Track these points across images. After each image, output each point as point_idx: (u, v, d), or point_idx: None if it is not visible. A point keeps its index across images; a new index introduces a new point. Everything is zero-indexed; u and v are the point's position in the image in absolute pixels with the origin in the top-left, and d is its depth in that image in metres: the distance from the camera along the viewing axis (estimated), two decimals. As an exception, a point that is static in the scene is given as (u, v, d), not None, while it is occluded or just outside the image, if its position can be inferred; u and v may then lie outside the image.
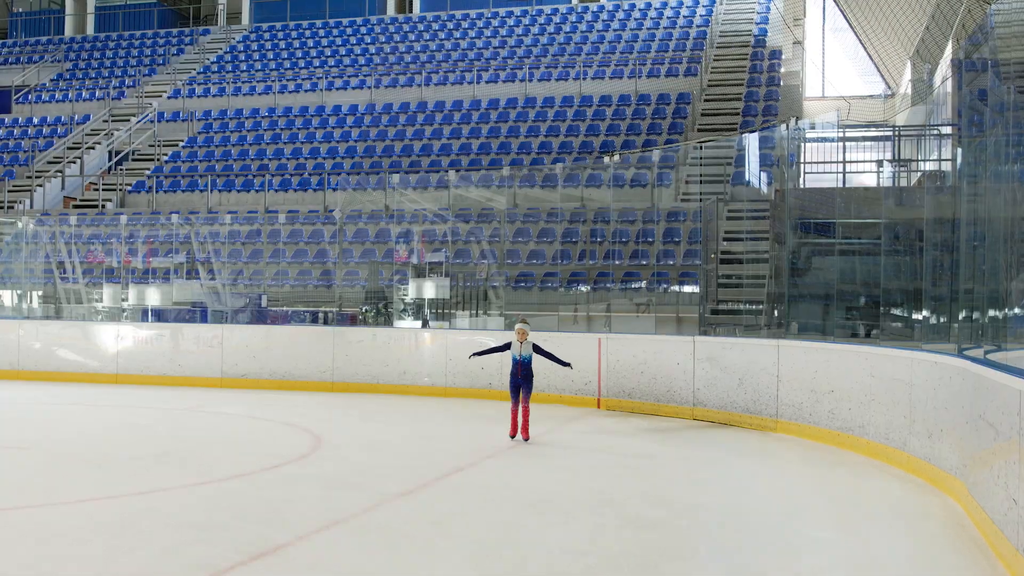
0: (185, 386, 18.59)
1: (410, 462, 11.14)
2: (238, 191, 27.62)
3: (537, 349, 12.61)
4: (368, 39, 38.07)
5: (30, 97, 37.48)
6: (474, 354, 13.37)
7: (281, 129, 31.37)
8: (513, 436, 12.47)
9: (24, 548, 7.29)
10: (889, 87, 35.49)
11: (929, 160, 17.84)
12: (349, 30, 39.30)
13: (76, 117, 34.71)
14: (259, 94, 34.09)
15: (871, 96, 35.70)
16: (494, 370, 17.00)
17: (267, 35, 40.51)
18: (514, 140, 27.70)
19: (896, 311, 13.96)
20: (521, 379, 12.49)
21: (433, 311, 19.34)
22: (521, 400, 12.46)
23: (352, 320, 19.91)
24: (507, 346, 12.70)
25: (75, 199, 30.09)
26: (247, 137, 31.20)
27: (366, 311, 20.22)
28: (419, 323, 19.11)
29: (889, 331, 13.49)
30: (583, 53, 32.98)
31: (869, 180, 19.24)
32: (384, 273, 21.66)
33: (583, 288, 19.99)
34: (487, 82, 31.82)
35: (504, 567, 6.96)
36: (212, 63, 38.23)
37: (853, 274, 15.09)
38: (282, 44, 39.16)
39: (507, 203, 22.57)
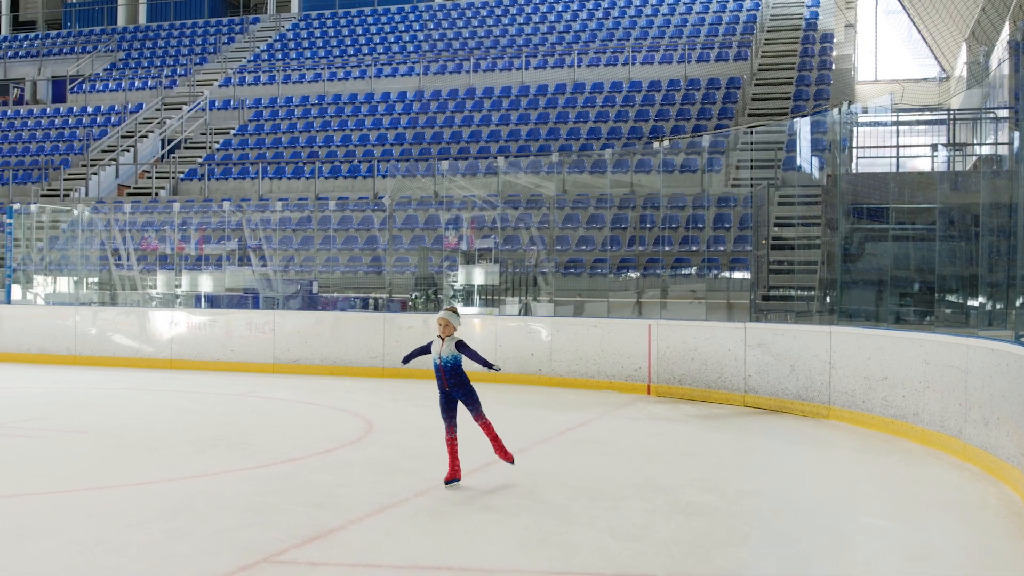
0: (238, 371, 18.80)
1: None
2: (288, 178, 27.82)
3: (462, 347, 9.07)
4: (416, 26, 38.13)
5: (84, 87, 37.97)
6: (405, 360, 9.70)
7: (331, 116, 31.53)
8: (449, 481, 8.87)
9: (82, 529, 7.42)
10: (944, 70, 34.92)
11: (985, 144, 17.57)
12: (397, 17, 39.38)
13: (129, 106, 35.12)
14: (309, 82, 34.29)
15: (925, 79, 35.14)
16: (544, 356, 17.02)
17: (316, 23, 40.70)
18: (563, 126, 27.63)
19: (951, 297, 13.77)
20: (453, 391, 9.05)
21: (483, 297, 19.38)
22: (474, 418, 9.07)
23: (402, 306, 20.01)
24: (428, 347, 9.28)
25: (129, 187, 30.48)
26: (297, 124, 31.41)
27: (416, 297, 20.30)
28: (472, 309, 19.14)
29: (944, 318, 13.31)
30: (632, 38, 32.80)
31: (923, 165, 18.97)
32: (434, 259, 21.72)
33: (633, 274, 19.91)
34: (536, 68, 31.75)
35: (554, 552, 6.97)
36: (262, 51, 38.50)
37: (907, 260, 14.90)
38: (331, 32, 39.33)
39: (556, 189, 22.53)
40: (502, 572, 6.53)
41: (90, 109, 36.22)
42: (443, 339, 9.07)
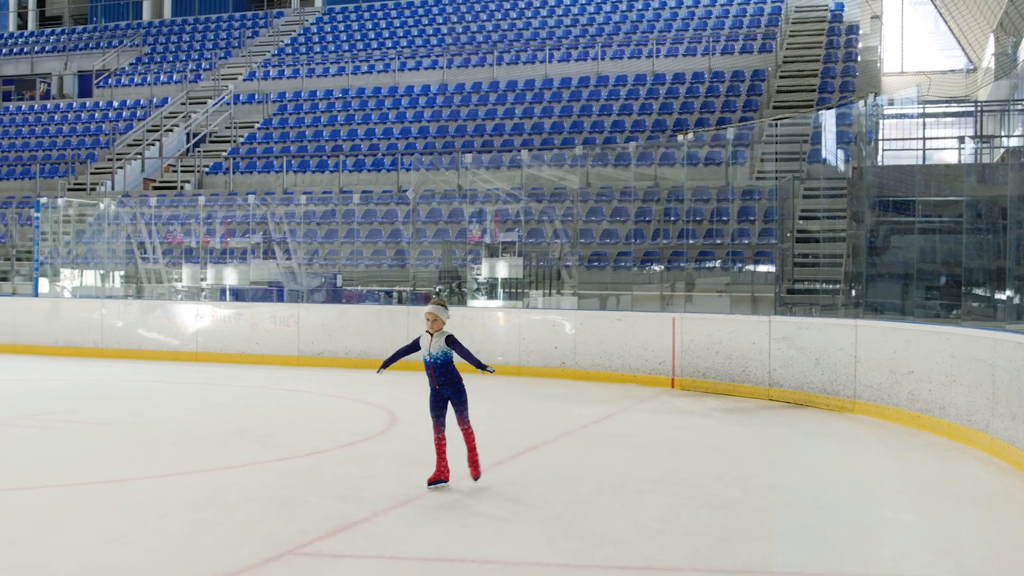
0: (262, 364, 18.89)
1: (483, 440, 11.15)
2: (313, 172, 27.91)
3: (453, 343, 8.60)
4: (440, 19, 38.13)
5: (110, 81, 38.19)
6: (382, 366, 9.12)
7: (354, 110, 31.59)
8: (434, 482, 8.52)
9: (107, 521, 7.48)
10: (971, 61, 34.62)
11: (1013, 136, 17.42)
12: (421, 10, 39.39)
13: (155, 100, 35.30)
14: (332, 75, 34.36)
15: (952, 71, 34.85)
16: (568, 349, 17.01)
17: (340, 16, 40.77)
18: (586, 119, 27.58)
19: (978, 291, 13.66)
20: (443, 388, 8.60)
21: (506, 290, 19.38)
22: (458, 421, 8.63)
23: (426, 299, 20.00)
24: (416, 344, 8.76)
25: (154, 181, 30.64)
26: (321, 118, 31.49)
27: (440, 290, 20.33)
28: (496, 302, 19.14)
29: (971, 311, 13.21)
30: (656, 30, 32.68)
31: (950, 157, 18.84)
32: (457, 253, 21.73)
33: (657, 267, 19.86)
34: (559, 61, 31.70)
35: (578, 545, 6.96)
36: (286, 45, 38.61)
37: (933, 253, 14.79)
38: (355, 25, 39.40)
39: (580, 182, 22.49)
40: (526, 565, 6.53)
41: (116, 103, 36.43)
42: (432, 335, 8.59)
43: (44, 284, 22.89)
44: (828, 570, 6.61)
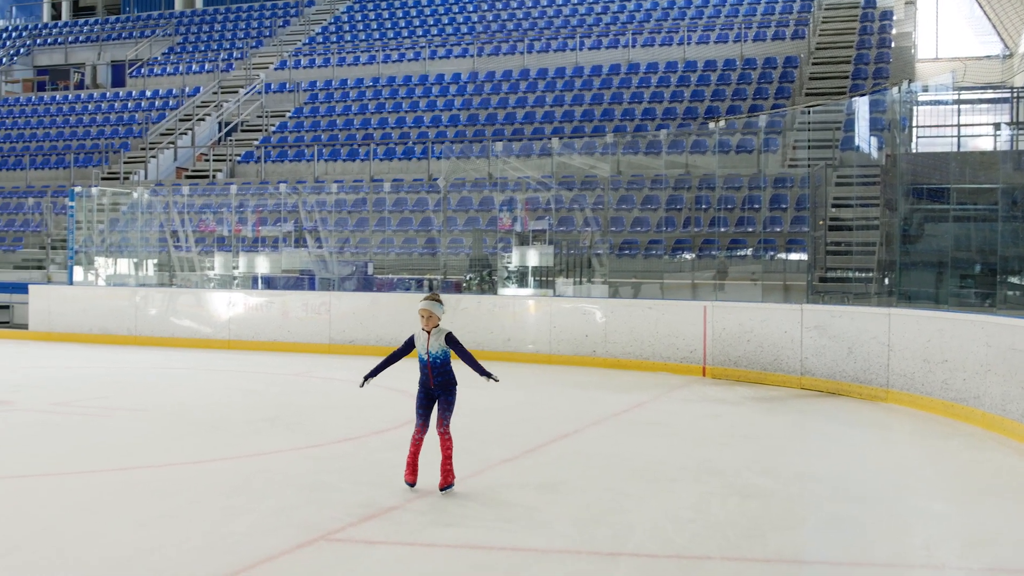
0: (294, 352, 18.99)
1: (514, 428, 11.22)
2: (344, 160, 27.98)
3: (453, 342, 8.03)
4: (470, 7, 38.06)
5: (143, 71, 38.43)
6: (367, 377, 8.26)
7: (385, 99, 31.63)
8: (411, 482, 8.04)
9: (143, 506, 7.55)
10: (1007, 47, 34.21)
11: (1050, 122, 17.21)
12: (451, -1, 39.37)
13: (187, 90, 35.49)
14: (363, 64, 34.41)
15: (988, 57, 34.45)
16: (598, 337, 16.99)
17: (370, 5, 40.78)
18: (617, 107, 27.48)
19: (1014, 279, 13.52)
20: (436, 388, 8.01)
21: (537, 278, 19.37)
22: (437, 423, 8.01)
23: (457, 287, 20.07)
24: (410, 344, 8.14)
25: (187, 170, 30.84)
26: (352, 107, 31.55)
27: (470, 279, 20.35)
28: (527, 290, 19.13)
29: (1006, 300, 13.08)
30: (687, 17, 32.48)
31: (985, 144, 18.64)
32: (488, 241, 21.74)
33: (688, 256, 19.79)
34: (590, 48, 31.58)
35: (608, 533, 6.97)
36: (317, 34, 38.69)
37: (968, 241, 14.65)
38: (385, 14, 39.40)
39: (611, 170, 22.42)
40: (557, 552, 6.54)
41: (148, 93, 36.65)
42: (428, 332, 7.99)
43: (79, 272, 23.12)
44: (860, 559, 6.58)
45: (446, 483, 7.93)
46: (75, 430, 10.89)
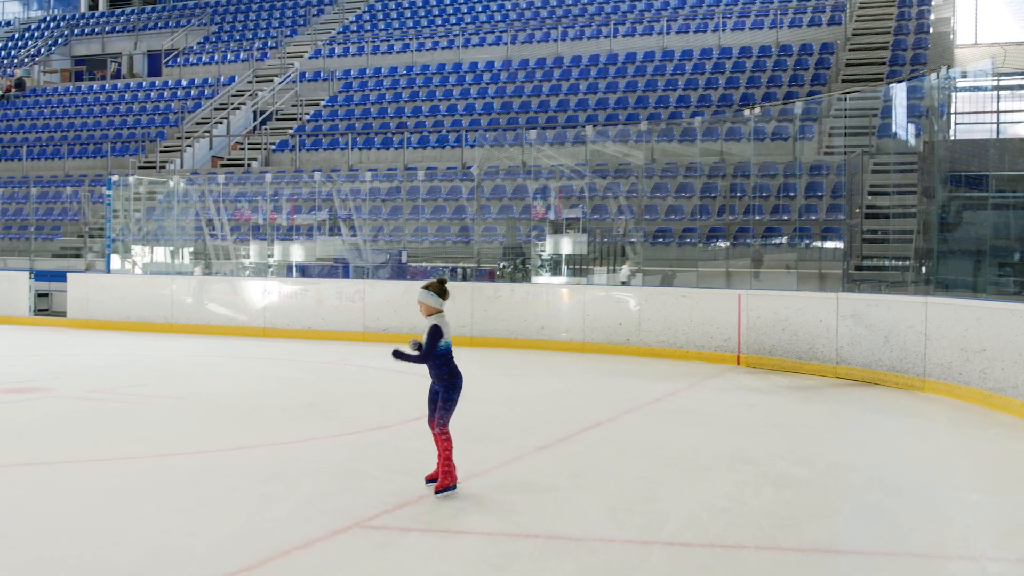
0: (329, 340, 19.09)
1: (548, 416, 11.22)
2: (378, 149, 28.05)
3: (428, 334, 7.82)
4: (504, -5, 38.01)
5: (179, 60, 38.69)
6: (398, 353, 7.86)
7: (419, 87, 31.67)
8: (431, 480, 7.70)
9: (180, 493, 7.63)
10: (1048, 32, 33.70)
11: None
12: (485, -14, 39.31)
13: (222, 79, 35.70)
14: (397, 52, 34.46)
15: (1028, 42, 33.95)
16: (632, 326, 16.96)
17: (405, -7, 40.83)
18: (651, 94, 27.36)
19: (1054, 268, 13.37)
20: (434, 382, 7.82)
21: (571, 267, 19.35)
22: (429, 418, 7.77)
23: (490, 276, 20.08)
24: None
25: (222, 158, 31.04)
26: (386, 95, 31.61)
27: (504, 267, 20.36)
28: (560, 279, 19.13)
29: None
30: (722, 4, 32.24)
31: (1026, 130, 18.39)
32: (521, 229, 21.74)
33: (723, 244, 19.70)
34: (624, 35, 31.45)
35: (642, 521, 6.97)
36: (351, 23, 38.77)
37: (1007, 229, 14.48)
38: (419, 2, 39.41)
39: (645, 158, 22.35)
40: (590, 540, 6.54)
41: (184, 82, 36.90)
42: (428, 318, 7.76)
43: (116, 260, 23.34)
44: (896, 549, 6.54)
45: (442, 486, 7.45)
46: (113, 417, 11.01)
